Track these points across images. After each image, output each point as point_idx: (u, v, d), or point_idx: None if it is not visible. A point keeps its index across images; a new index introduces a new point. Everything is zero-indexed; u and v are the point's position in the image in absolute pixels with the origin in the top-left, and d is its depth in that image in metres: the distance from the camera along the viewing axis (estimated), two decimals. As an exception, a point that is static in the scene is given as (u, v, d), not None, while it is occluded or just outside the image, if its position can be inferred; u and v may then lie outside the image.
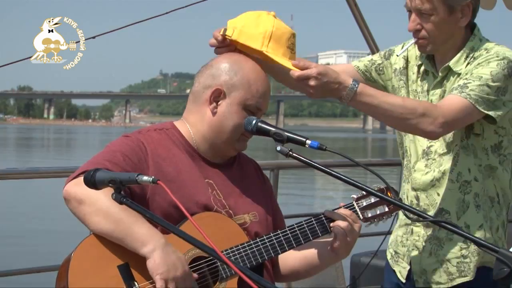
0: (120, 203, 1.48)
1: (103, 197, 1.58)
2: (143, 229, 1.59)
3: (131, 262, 1.61)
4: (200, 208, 1.72)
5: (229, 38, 1.81)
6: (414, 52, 2.15)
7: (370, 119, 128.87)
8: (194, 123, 1.80)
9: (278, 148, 1.72)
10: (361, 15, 3.25)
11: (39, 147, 40.70)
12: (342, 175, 1.70)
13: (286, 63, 1.81)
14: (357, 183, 1.69)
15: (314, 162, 1.74)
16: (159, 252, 1.57)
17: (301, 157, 1.72)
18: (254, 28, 1.79)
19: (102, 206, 1.59)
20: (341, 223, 1.76)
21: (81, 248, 1.61)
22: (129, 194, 1.65)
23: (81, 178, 1.59)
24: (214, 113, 1.77)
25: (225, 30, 1.81)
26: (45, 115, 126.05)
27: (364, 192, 1.84)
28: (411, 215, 1.71)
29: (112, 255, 1.60)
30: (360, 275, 3.06)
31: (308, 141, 1.70)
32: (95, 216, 1.60)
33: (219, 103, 1.77)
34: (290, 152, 1.71)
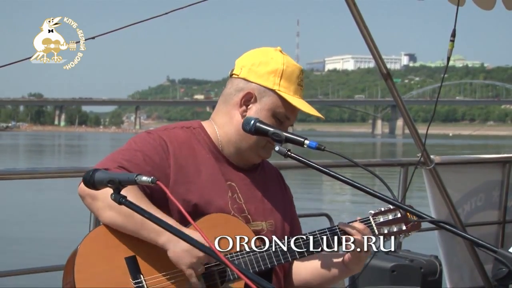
0: (119, 203, 1.49)
1: None
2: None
3: (139, 254, 1.61)
4: (216, 211, 1.71)
5: (237, 76, 1.79)
6: None
7: (379, 123, 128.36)
8: (222, 125, 1.79)
9: (277, 148, 1.72)
10: (361, 17, 3.26)
11: (64, 153, 40.74)
12: (341, 175, 1.70)
13: (298, 103, 1.77)
14: (355, 183, 1.69)
15: (313, 163, 1.74)
16: (175, 241, 1.57)
17: (299, 157, 1.72)
18: (263, 66, 1.76)
19: (113, 202, 1.56)
20: (354, 237, 1.74)
21: (89, 238, 1.63)
22: (149, 194, 1.65)
23: None
24: (243, 117, 1.75)
25: (232, 70, 1.81)
26: (56, 122, 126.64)
27: (382, 208, 1.82)
28: (411, 217, 1.69)
29: (120, 245, 1.61)
30: (359, 275, 3.05)
31: (307, 141, 1.70)
32: (108, 210, 1.61)
33: (249, 107, 1.76)
34: (289, 152, 1.71)
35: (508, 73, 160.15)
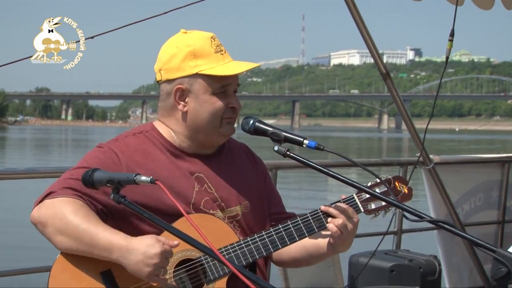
0: (118, 203, 1.51)
1: (61, 216, 1.60)
2: (104, 239, 1.58)
3: (114, 268, 1.60)
4: (184, 210, 1.67)
5: (161, 81, 1.76)
6: None
7: (385, 118, 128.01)
8: (171, 126, 1.78)
9: (276, 148, 1.72)
10: (360, 16, 3.27)
11: (72, 147, 40.69)
12: (339, 175, 1.70)
13: (224, 69, 1.73)
14: (354, 183, 1.69)
15: (312, 162, 1.74)
16: (127, 254, 1.56)
17: (298, 157, 1.72)
18: (174, 59, 1.73)
19: (61, 226, 1.60)
20: (335, 220, 1.74)
21: (60, 259, 1.63)
22: (107, 213, 1.65)
23: (45, 201, 1.63)
24: (185, 112, 1.74)
25: (156, 78, 1.79)
26: (63, 116, 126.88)
27: (368, 184, 1.81)
28: (410, 216, 1.70)
29: (91, 262, 1.61)
30: (358, 275, 3.06)
31: (306, 141, 1.71)
32: (58, 235, 1.61)
33: (186, 100, 1.74)
34: (288, 152, 1.71)
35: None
